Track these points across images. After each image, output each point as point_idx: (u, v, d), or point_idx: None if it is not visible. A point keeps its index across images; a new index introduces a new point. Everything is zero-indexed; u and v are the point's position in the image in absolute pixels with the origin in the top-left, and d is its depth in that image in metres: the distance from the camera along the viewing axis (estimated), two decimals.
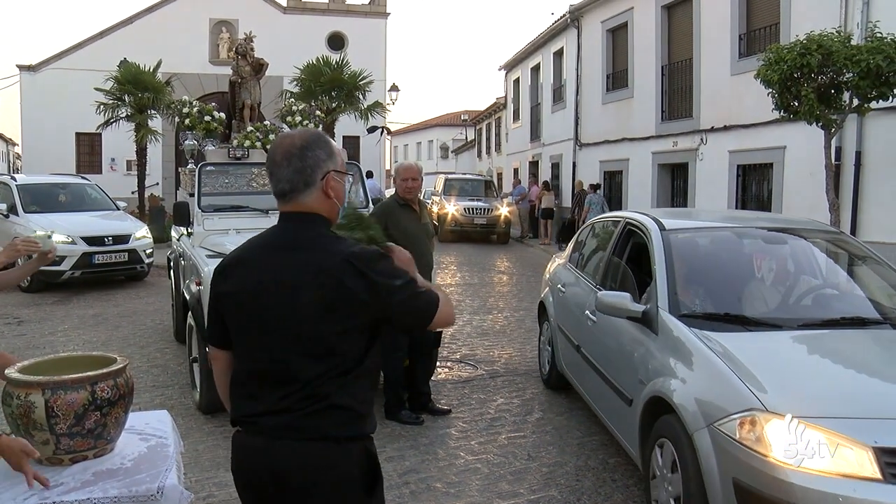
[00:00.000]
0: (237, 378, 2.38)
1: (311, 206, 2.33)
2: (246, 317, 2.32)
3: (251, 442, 2.29)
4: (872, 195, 11.11)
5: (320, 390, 2.23)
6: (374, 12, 31.46)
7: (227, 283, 2.38)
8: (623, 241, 5.74)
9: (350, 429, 2.28)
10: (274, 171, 2.32)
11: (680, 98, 16.76)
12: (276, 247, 2.34)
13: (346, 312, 2.21)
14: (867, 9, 10.97)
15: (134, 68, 21.59)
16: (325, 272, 2.21)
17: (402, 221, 6.08)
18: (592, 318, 5.54)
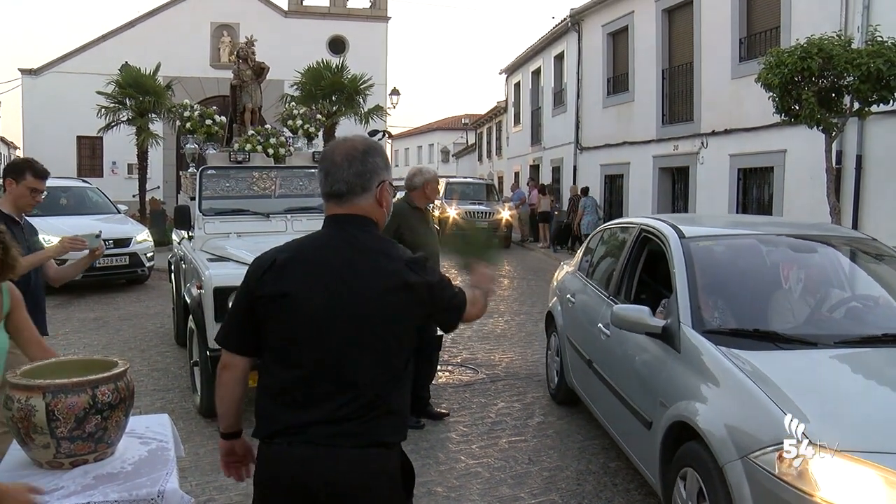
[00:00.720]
0: (275, 387, 2.27)
1: (367, 210, 2.34)
2: (303, 319, 2.23)
3: (297, 452, 2.20)
4: (873, 199, 11.11)
5: (380, 396, 2.23)
6: (374, 16, 31.50)
7: (278, 284, 2.26)
8: (637, 249, 5.40)
9: (400, 433, 2.33)
10: (331, 171, 2.32)
11: (680, 102, 16.77)
12: (336, 247, 2.30)
13: (408, 314, 2.27)
14: (867, 13, 10.97)
15: (135, 72, 21.63)
16: (393, 275, 2.24)
17: (414, 225, 6.12)
18: (606, 331, 5.16)
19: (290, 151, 8.77)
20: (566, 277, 7.08)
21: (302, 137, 9.46)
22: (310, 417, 2.20)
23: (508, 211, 23.12)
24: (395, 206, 6.26)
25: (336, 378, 2.21)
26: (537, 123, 27.11)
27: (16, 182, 4.38)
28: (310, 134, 9.56)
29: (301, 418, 2.21)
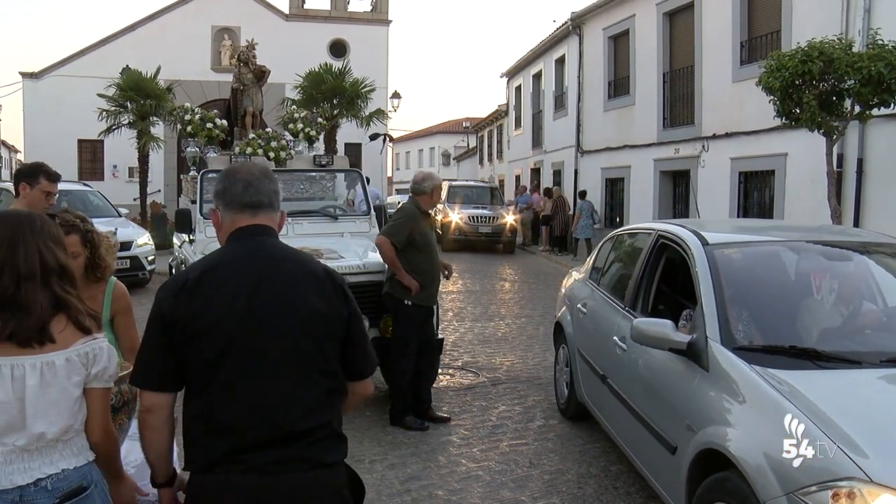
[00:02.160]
0: (203, 414, 2.16)
1: (276, 224, 2.35)
2: (225, 339, 2.13)
3: (238, 482, 2.11)
4: (875, 202, 11.10)
5: (317, 416, 2.19)
6: (375, 20, 31.53)
7: (192, 304, 2.16)
8: (655, 256, 5.03)
9: (343, 451, 2.30)
10: (253, 183, 2.30)
11: (681, 105, 16.76)
12: (254, 258, 2.25)
13: (335, 323, 2.25)
14: (868, 16, 10.97)
15: (136, 75, 21.66)
16: (317, 281, 2.24)
17: (423, 229, 6.19)
18: (622, 345, 4.80)
19: (291, 155, 8.79)
20: (575, 286, 6.70)
21: (303, 141, 9.47)
22: (246, 444, 2.11)
23: (513, 215, 22.52)
24: (406, 210, 6.30)
25: (269, 400, 2.13)
26: (538, 127, 27.11)
27: (30, 186, 4.45)
28: (311, 137, 9.57)
29: (237, 445, 2.12)
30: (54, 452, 2.16)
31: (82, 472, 2.21)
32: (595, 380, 5.45)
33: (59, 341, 2.15)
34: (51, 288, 2.18)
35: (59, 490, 2.14)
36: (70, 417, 2.18)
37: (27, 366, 2.10)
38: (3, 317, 2.11)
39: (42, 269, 2.19)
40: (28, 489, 2.10)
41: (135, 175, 24.36)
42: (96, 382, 2.22)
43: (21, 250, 2.17)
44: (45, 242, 2.23)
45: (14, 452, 2.11)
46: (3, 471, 2.10)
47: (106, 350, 2.25)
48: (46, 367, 2.12)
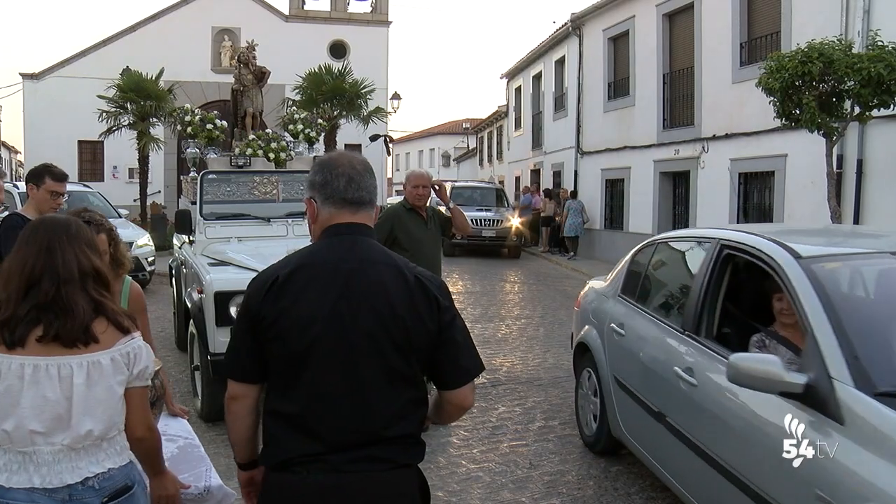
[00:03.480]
0: (284, 411, 2.14)
1: (372, 222, 2.29)
2: (310, 339, 2.10)
3: (318, 481, 2.09)
4: (874, 203, 11.10)
5: (397, 418, 2.15)
6: (375, 21, 31.52)
7: (281, 301, 2.12)
8: (719, 270, 4.22)
9: (419, 454, 2.25)
10: (355, 178, 2.21)
11: (681, 106, 16.77)
12: (346, 258, 2.17)
13: (423, 331, 2.16)
14: (868, 17, 10.98)
15: (136, 76, 21.67)
16: (407, 288, 2.16)
17: (408, 226, 6.16)
18: (689, 378, 3.95)
19: (291, 156, 8.80)
20: (604, 302, 5.83)
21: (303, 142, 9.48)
22: (326, 444, 2.10)
23: (518, 218, 21.47)
24: (389, 209, 6.32)
25: (349, 400, 2.10)
26: (538, 128, 27.11)
27: (36, 187, 4.51)
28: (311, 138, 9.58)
29: (316, 445, 2.10)
30: (100, 452, 2.23)
31: (126, 472, 2.29)
32: (643, 416, 4.59)
33: (103, 341, 2.22)
34: (88, 291, 2.24)
35: (105, 489, 2.21)
36: (114, 416, 2.25)
37: (74, 365, 2.16)
38: (47, 318, 2.16)
39: (80, 273, 2.25)
40: (76, 488, 2.16)
41: (135, 176, 24.37)
42: (137, 381, 2.29)
43: (59, 255, 2.24)
44: (80, 247, 2.30)
45: (62, 451, 2.16)
46: (52, 469, 2.15)
47: (144, 349, 2.32)
48: (93, 367, 2.19)
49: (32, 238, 2.28)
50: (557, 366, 8.51)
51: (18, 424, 2.13)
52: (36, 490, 2.13)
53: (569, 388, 7.54)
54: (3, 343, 2.14)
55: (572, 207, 20.16)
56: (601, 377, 5.45)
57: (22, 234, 2.33)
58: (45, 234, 2.28)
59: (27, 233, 2.32)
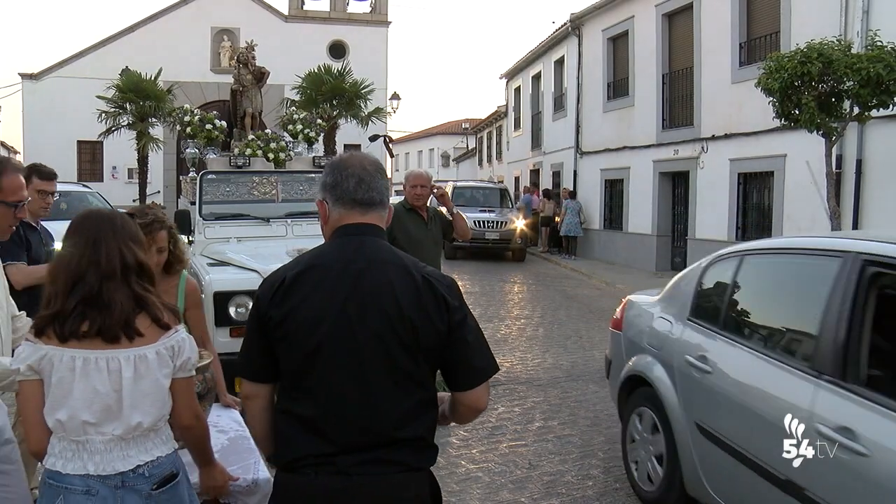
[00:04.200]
0: (293, 412, 2.14)
1: (383, 222, 2.27)
2: (317, 340, 2.10)
3: (326, 483, 2.08)
4: (874, 203, 11.11)
5: (406, 421, 2.14)
6: (375, 21, 31.52)
7: (289, 302, 2.12)
8: (864, 294, 3.24)
9: (431, 458, 2.24)
10: (365, 178, 2.20)
11: (681, 106, 16.78)
12: (355, 259, 2.16)
13: (431, 332, 2.13)
14: (867, 17, 10.98)
15: (135, 76, 21.66)
16: (416, 288, 2.13)
17: (408, 226, 6.16)
18: (850, 443, 2.91)
19: (291, 156, 8.78)
20: (662, 324, 4.78)
21: (302, 142, 9.46)
22: (335, 445, 2.09)
23: (523, 220, 20.64)
24: None
25: (358, 401, 2.09)
26: (537, 128, 27.12)
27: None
28: (310, 139, 9.56)
29: (325, 446, 2.10)
30: (147, 441, 2.30)
31: (172, 460, 2.36)
32: (754, 480, 3.55)
33: (148, 336, 2.28)
34: (130, 286, 2.29)
35: (155, 476, 2.28)
36: (161, 407, 2.32)
37: (122, 359, 2.24)
38: (91, 314, 2.23)
39: (122, 267, 2.29)
40: (128, 475, 2.25)
41: (134, 176, 24.36)
42: (181, 373, 2.36)
43: (103, 249, 2.28)
44: (125, 242, 2.34)
45: (113, 441, 2.24)
46: (104, 458, 2.23)
47: (187, 341, 2.38)
48: (139, 361, 2.26)
49: (78, 232, 2.33)
50: (556, 366, 8.52)
51: (71, 415, 2.21)
52: (91, 476, 2.21)
53: (568, 389, 7.56)
54: (56, 336, 2.22)
55: (570, 207, 20.33)
56: (672, 422, 4.39)
57: (69, 228, 2.37)
58: (90, 229, 2.32)
59: (73, 227, 2.37)
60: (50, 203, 4.35)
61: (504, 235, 19.85)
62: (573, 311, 12.39)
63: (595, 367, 8.52)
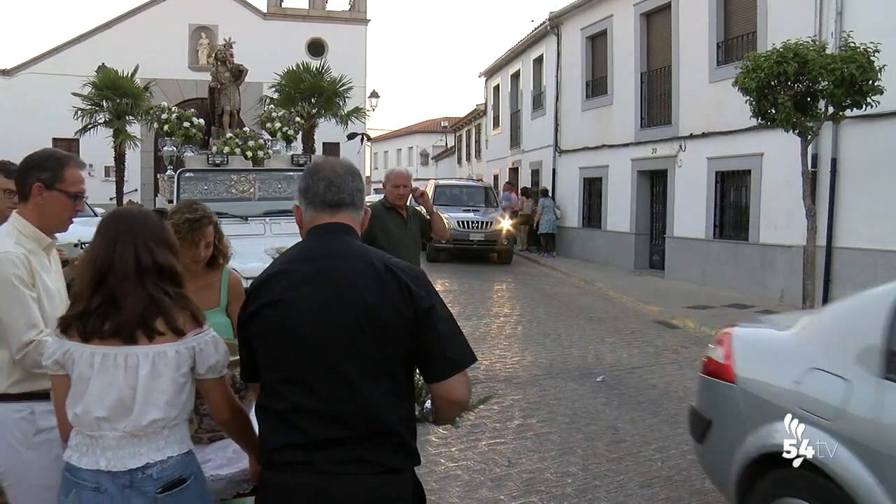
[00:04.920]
0: (271, 409, 2.18)
1: (354, 222, 2.32)
2: (288, 335, 2.14)
3: (304, 482, 2.11)
4: (848, 201, 11.24)
5: (385, 421, 2.15)
6: (354, 19, 31.45)
7: (261, 298, 2.19)
8: None
9: (411, 458, 2.25)
10: (335, 181, 2.27)
11: (659, 105, 16.88)
12: (325, 255, 2.22)
13: (402, 326, 2.15)
14: (840, 19, 11.11)
15: (112, 73, 21.45)
16: (385, 282, 2.15)
17: (388, 225, 6.12)
18: None
19: (269, 154, 8.76)
20: (833, 385, 3.08)
21: (281, 140, 9.45)
22: (307, 437, 2.12)
23: (509, 220, 19.63)
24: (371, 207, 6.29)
25: (332, 400, 2.12)
26: (516, 126, 27.18)
27: None
28: (288, 137, 9.55)
29: (298, 438, 2.13)
30: (160, 439, 2.30)
31: (184, 462, 2.35)
32: None
33: (168, 336, 2.28)
34: (145, 287, 2.29)
35: (162, 479, 2.28)
36: (177, 406, 2.33)
37: (140, 356, 2.26)
38: (111, 313, 2.26)
39: (136, 268, 2.30)
40: (137, 475, 2.26)
41: (111, 174, 24.13)
42: (210, 374, 2.36)
43: (118, 250, 2.30)
44: (143, 242, 2.34)
45: (125, 437, 2.26)
46: (115, 454, 2.26)
47: (211, 343, 2.36)
48: (158, 357, 2.27)
49: (102, 232, 2.37)
50: (535, 364, 8.55)
51: (85, 409, 2.25)
52: (101, 472, 2.25)
53: (547, 387, 7.59)
54: (78, 334, 2.26)
55: (546, 205, 20.52)
56: None
57: (98, 225, 2.41)
58: (111, 228, 2.36)
59: (100, 226, 2.40)
60: (16, 202, 4.21)
61: (489, 236, 18.88)
62: (552, 309, 12.44)
63: (573, 364, 8.56)
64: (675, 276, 15.51)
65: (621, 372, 8.27)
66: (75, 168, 2.93)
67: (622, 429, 6.30)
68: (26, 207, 2.88)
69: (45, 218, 2.88)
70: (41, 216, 2.87)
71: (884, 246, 10.60)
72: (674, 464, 5.50)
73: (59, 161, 2.89)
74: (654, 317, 11.90)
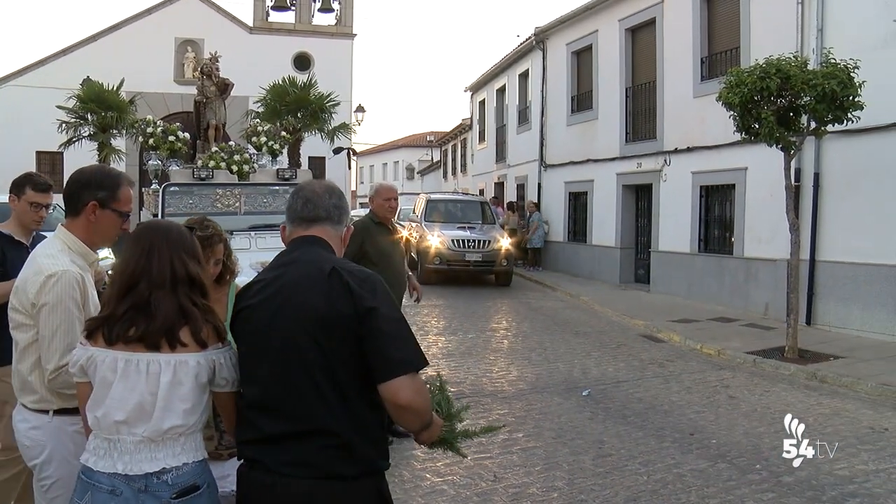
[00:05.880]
0: (240, 408, 2.41)
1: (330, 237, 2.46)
2: (251, 338, 2.35)
3: (257, 478, 2.27)
4: (831, 215, 11.34)
5: (327, 420, 2.21)
6: (340, 33, 31.50)
7: (240, 303, 2.43)
8: None
9: (357, 466, 2.24)
10: (312, 199, 2.45)
11: (644, 120, 16.98)
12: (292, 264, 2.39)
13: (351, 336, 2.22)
14: (821, 35, 11.26)
15: (97, 87, 21.35)
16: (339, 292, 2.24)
17: (377, 239, 6.14)
18: None
19: (255, 168, 8.75)
20: None
21: (266, 154, 9.44)
22: (260, 432, 2.26)
23: (508, 238, 18.01)
24: (359, 222, 6.28)
25: (281, 402, 2.25)
26: (502, 141, 27.25)
27: (17, 198, 4.10)
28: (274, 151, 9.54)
29: (257, 441, 2.27)
30: (177, 446, 2.35)
31: (199, 469, 2.40)
32: None
33: (190, 346, 2.35)
34: (178, 297, 2.37)
35: (177, 485, 2.33)
36: (195, 414, 2.39)
37: (162, 363, 2.32)
38: (138, 320, 2.33)
39: (172, 278, 2.39)
40: (152, 480, 2.30)
41: None
42: (228, 387, 2.44)
43: (155, 259, 2.38)
44: (178, 254, 2.43)
45: (143, 442, 2.31)
46: (133, 458, 2.31)
47: (228, 361, 2.43)
48: (179, 366, 2.33)
49: (136, 241, 2.45)
50: (521, 378, 8.54)
51: (106, 413, 2.31)
52: (118, 475, 2.29)
53: (532, 401, 7.58)
54: (104, 339, 2.33)
55: (540, 220, 20.60)
56: None
57: (130, 235, 2.50)
58: (145, 240, 2.43)
59: (134, 235, 2.49)
60: (43, 216, 4.14)
61: (487, 256, 17.15)
62: (537, 324, 12.44)
63: (559, 378, 8.56)
64: (661, 290, 15.56)
65: (607, 386, 8.28)
66: (128, 187, 3.03)
67: (608, 443, 6.30)
68: (75, 222, 2.91)
69: (95, 234, 2.97)
70: (91, 233, 2.94)
71: (866, 259, 10.70)
72: (659, 477, 5.50)
73: (114, 181, 2.97)
74: (640, 330, 11.93)
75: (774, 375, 8.95)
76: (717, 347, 10.18)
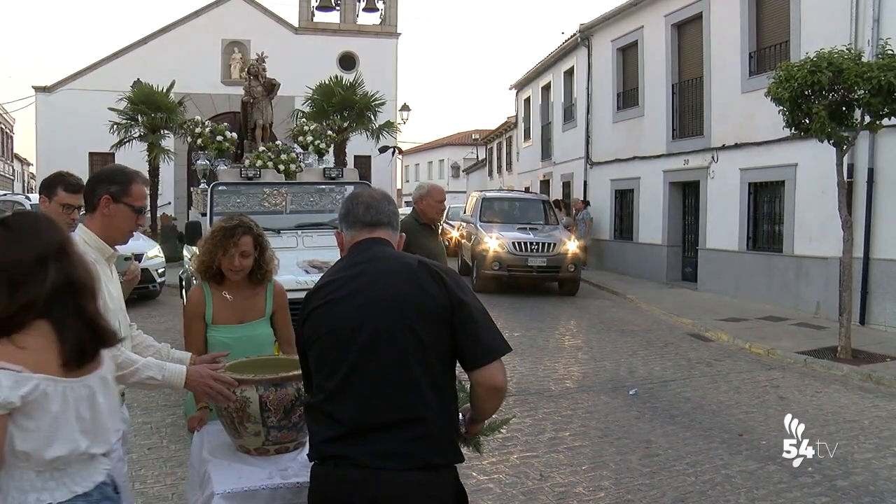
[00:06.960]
0: (318, 407, 2.34)
1: (393, 239, 2.52)
2: (330, 335, 2.33)
3: (343, 475, 2.23)
4: (885, 212, 11.05)
5: (418, 415, 2.24)
6: (384, 32, 31.67)
7: (314, 300, 2.40)
8: None
9: (446, 455, 2.30)
10: (373, 205, 2.49)
11: (691, 116, 16.75)
12: (365, 262, 2.41)
13: (438, 325, 2.29)
14: (878, 26, 10.95)
15: (147, 88, 21.80)
16: (420, 284, 2.29)
17: (422, 241, 6.10)
18: None
19: (301, 168, 8.81)
20: None
21: (312, 153, 9.50)
22: (344, 426, 2.24)
23: (576, 240, 16.22)
24: (403, 222, 6.28)
25: (369, 394, 2.23)
26: (547, 138, 27.11)
27: (48, 199, 3.96)
28: (320, 150, 9.60)
29: (341, 437, 2.24)
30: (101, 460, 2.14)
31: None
32: None
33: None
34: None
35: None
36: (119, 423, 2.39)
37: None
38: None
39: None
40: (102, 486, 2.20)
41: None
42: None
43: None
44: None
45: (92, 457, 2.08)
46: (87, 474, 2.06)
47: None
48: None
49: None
50: (567, 376, 8.49)
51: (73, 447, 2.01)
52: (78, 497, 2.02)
53: (579, 400, 7.53)
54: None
55: (590, 216, 20.17)
56: None
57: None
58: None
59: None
60: (75, 217, 3.92)
61: (552, 262, 15.36)
62: (584, 322, 12.36)
63: (606, 377, 8.49)
64: (708, 289, 15.34)
65: (654, 385, 8.19)
66: (141, 184, 3.08)
67: (655, 442, 6.23)
68: (92, 218, 3.02)
69: (110, 229, 3.02)
70: (106, 227, 3.01)
71: None
72: (708, 478, 5.42)
73: (127, 176, 3.04)
74: (687, 329, 11.78)
75: (826, 376, 8.76)
76: (766, 347, 10.00)
